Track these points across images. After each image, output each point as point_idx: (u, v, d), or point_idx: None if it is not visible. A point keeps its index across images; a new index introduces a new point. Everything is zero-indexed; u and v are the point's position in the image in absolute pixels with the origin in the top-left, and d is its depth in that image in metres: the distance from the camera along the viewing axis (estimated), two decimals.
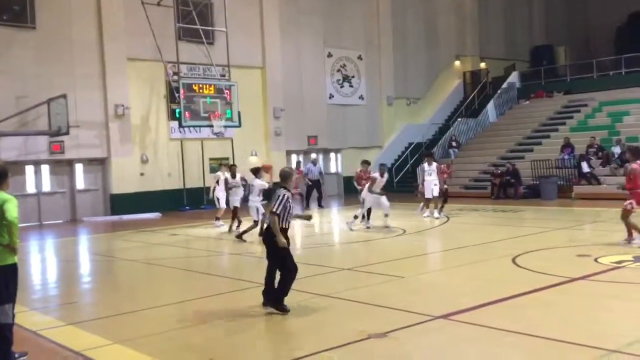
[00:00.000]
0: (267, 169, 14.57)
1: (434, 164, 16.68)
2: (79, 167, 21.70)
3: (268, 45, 25.17)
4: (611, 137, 22.17)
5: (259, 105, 25.09)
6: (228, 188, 15.75)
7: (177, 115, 21.56)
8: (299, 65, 26.34)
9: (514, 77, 31.21)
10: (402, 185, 25.28)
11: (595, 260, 9.37)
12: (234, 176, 15.60)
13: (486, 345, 5.68)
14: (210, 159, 23.60)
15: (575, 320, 6.38)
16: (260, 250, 13.16)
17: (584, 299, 7.30)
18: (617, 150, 20.72)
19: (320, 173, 22.68)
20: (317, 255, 12.62)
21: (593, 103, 25.90)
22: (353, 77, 28.25)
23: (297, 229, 14.74)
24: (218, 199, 16.36)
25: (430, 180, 16.17)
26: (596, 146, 21.75)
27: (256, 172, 13.69)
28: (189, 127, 22.02)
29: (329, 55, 27.49)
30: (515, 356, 5.34)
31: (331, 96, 27.61)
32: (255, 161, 24.75)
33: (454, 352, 5.56)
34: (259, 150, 24.95)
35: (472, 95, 31.31)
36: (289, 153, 26.22)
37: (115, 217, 20.97)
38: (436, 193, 16.12)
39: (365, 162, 16.53)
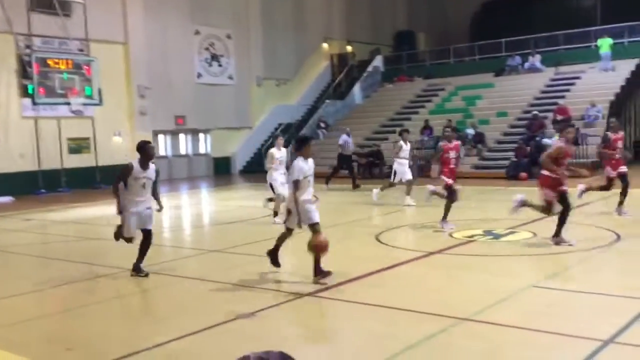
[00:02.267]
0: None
1: (409, 144, 14.80)
2: None
3: (130, 19, 24.04)
4: (466, 120, 23.70)
5: (122, 83, 23.97)
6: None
7: (30, 91, 20.09)
8: (165, 42, 25.44)
9: (378, 61, 32.33)
10: None
11: (450, 235, 10.02)
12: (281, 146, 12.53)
13: (349, 318, 5.92)
14: (69, 139, 22.26)
15: (430, 291, 6.80)
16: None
17: (438, 272, 7.81)
18: (470, 132, 22.17)
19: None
20: (188, 238, 12.41)
21: (450, 87, 27.48)
22: (222, 56, 27.80)
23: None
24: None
25: (405, 163, 14.54)
26: (452, 128, 23.11)
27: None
28: (43, 104, 20.59)
29: (197, 32, 26.81)
30: (374, 326, 5.60)
31: (199, 75, 27.01)
32: (119, 142, 23.83)
33: (319, 326, 5.73)
34: (123, 130, 23.92)
35: (339, 77, 32.04)
36: (155, 133, 25.34)
37: None
38: (409, 176, 14.44)
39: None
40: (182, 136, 26.93)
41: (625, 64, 23.56)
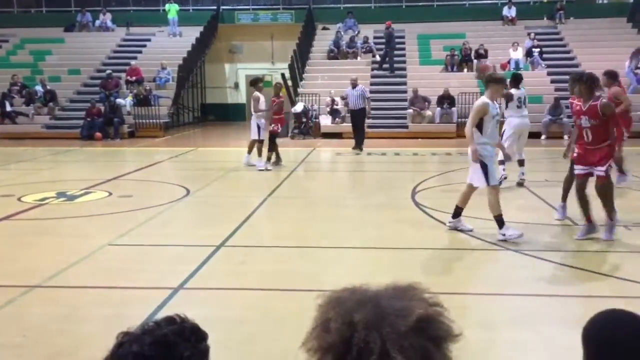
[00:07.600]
0: None
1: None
2: None
3: None
4: (34, 76, 22.00)
5: None
6: None
7: None
8: None
9: None
10: None
11: (19, 199, 9.29)
12: None
13: None
14: None
15: None
16: None
17: (6, 240, 7.19)
18: (40, 89, 20.72)
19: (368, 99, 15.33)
20: None
21: (15, 40, 25.01)
22: None
23: None
24: None
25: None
26: (19, 84, 21.24)
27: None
28: None
29: None
30: None
31: None
32: None
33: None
34: None
35: None
36: None
37: None
38: None
39: None
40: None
41: (191, 30, 25.16)
